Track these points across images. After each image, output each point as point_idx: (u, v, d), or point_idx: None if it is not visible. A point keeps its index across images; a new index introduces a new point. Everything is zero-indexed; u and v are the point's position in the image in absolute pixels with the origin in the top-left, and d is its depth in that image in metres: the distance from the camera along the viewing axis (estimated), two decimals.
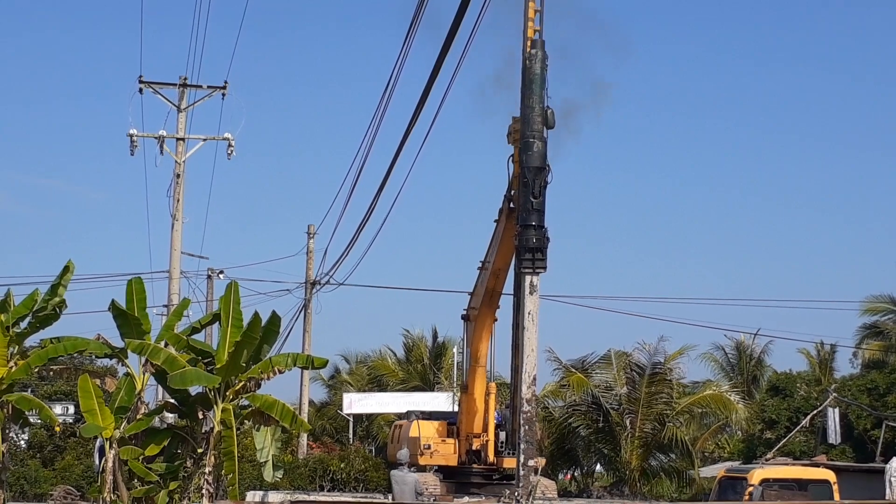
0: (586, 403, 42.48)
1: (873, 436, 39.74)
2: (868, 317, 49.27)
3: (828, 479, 24.35)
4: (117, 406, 25.76)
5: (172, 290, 37.87)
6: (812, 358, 53.49)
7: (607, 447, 42.60)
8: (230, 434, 24.40)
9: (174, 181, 37.86)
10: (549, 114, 20.82)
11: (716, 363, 56.88)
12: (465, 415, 30.10)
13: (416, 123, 22.06)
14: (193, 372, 24.63)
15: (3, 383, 25.70)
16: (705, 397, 44.24)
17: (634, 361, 42.40)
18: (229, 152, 38.68)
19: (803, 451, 40.96)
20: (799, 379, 49.08)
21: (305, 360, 26.96)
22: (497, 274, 28.28)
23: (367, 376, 63.07)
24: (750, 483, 23.78)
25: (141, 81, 37.90)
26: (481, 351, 29.75)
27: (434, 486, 28.46)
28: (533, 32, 21.59)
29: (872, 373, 44.99)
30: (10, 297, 26.18)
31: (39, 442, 39.72)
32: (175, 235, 37.95)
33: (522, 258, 20.39)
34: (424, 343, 60.22)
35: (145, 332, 26.03)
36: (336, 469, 36.43)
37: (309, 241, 48.06)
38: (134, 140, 37.85)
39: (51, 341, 26.44)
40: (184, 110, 38.27)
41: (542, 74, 20.81)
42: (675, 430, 41.93)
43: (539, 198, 20.30)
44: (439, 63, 19.28)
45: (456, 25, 17.93)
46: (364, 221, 31.17)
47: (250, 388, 25.37)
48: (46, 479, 35.82)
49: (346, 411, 57.07)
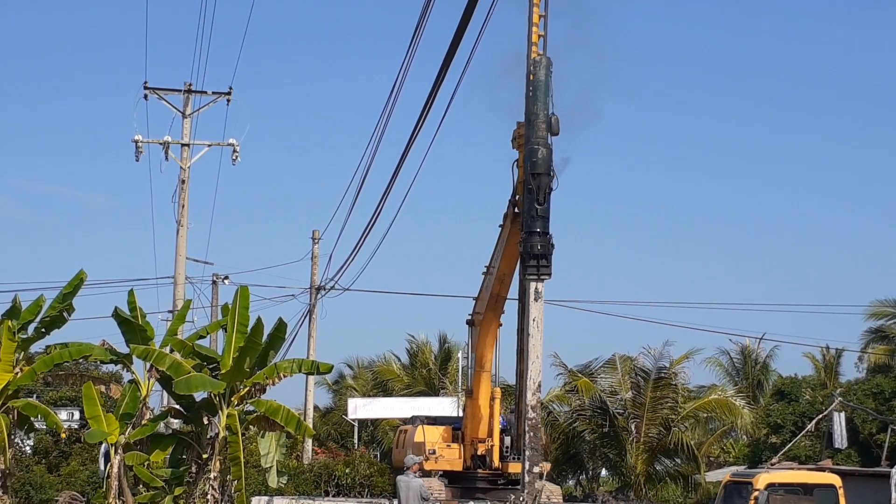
0: (591, 408, 42.47)
1: (879, 440, 39.68)
2: (874, 321, 49.13)
3: (833, 484, 24.28)
4: (122, 412, 25.79)
5: (177, 296, 37.93)
6: (817, 362, 53.41)
7: (612, 452, 42.58)
8: (235, 439, 24.42)
9: (179, 187, 37.95)
10: (553, 120, 20.85)
11: (721, 367, 56.82)
12: (471, 420, 30.10)
13: (421, 128, 22.11)
14: (198, 377, 24.66)
15: (8, 389, 25.73)
16: (710, 402, 44.18)
17: (639, 366, 42.39)
18: (234, 158, 38.79)
19: (809, 455, 40.89)
20: (804, 383, 49.00)
21: (310, 365, 26.99)
22: (502, 279, 28.27)
23: (372, 381, 63.04)
24: (755, 487, 23.71)
25: (146, 87, 38.00)
26: (486, 356, 29.75)
27: (439, 491, 28.47)
28: (537, 38, 21.64)
29: (878, 377, 44.90)
30: (18, 302, 26.21)
31: (45, 448, 39.71)
32: (180, 241, 38.02)
33: (527, 265, 20.43)
34: (429, 348, 60.19)
35: (150, 338, 26.07)
36: (341, 474, 36.41)
37: (314, 247, 48.11)
38: (139, 146, 37.95)
39: (56, 347, 26.48)
40: (189, 116, 38.35)
41: (546, 81, 20.83)
42: (681, 435, 41.89)
43: (544, 204, 20.33)
44: (445, 66, 19.31)
45: (461, 30, 17.95)
46: (369, 227, 31.27)
47: (255, 393, 25.40)
48: (52, 484, 35.79)
49: (351, 416, 57.07)
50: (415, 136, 22.64)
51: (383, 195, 27.29)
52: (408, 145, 23.30)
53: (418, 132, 22.34)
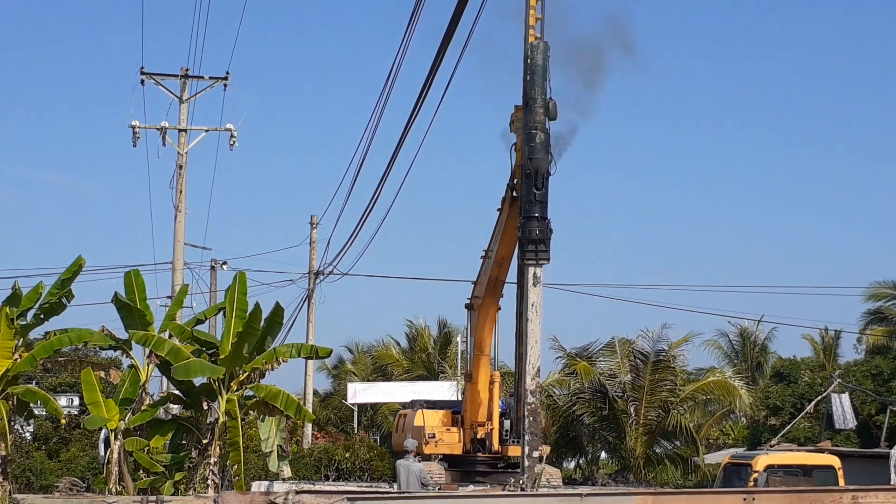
0: (590, 391, 42.50)
1: (878, 421, 39.77)
2: (872, 302, 49.18)
3: (832, 465, 24.33)
4: (122, 397, 25.86)
5: (176, 282, 37.93)
6: (816, 344, 53.47)
7: (612, 435, 42.63)
8: (235, 424, 24.47)
9: (176, 172, 37.91)
10: (551, 105, 20.78)
11: (720, 350, 56.84)
12: (470, 404, 30.14)
13: (419, 111, 22.06)
14: (197, 363, 24.70)
15: (8, 375, 25.77)
16: (709, 384, 44.19)
17: (638, 349, 42.39)
18: (231, 143, 38.77)
19: (808, 437, 40.96)
20: (803, 365, 49.08)
21: (310, 350, 27.05)
22: (500, 263, 28.26)
23: (372, 366, 63.12)
24: (755, 469, 23.76)
25: (142, 73, 37.93)
26: (485, 340, 29.76)
27: (439, 474, 28.52)
28: (534, 21, 21.54)
29: (877, 358, 45.00)
30: (18, 289, 26.21)
31: (45, 434, 39.77)
32: (178, 227, 38.00)
33: (526, 250, 20.38)
34: (428, 332, 60.25)
35: (149, 324, 26.09)
36: (341, 459, 36.48)
37: (312, 232, 48.11)
38: (136, 132, 37.90)
39: (55, 333, 26.50)
40: (186, 101, 38.30)
41: (544, 65, 20.76)
42: (680, 417, 41.93)
43: (542, 189, 20.28)
44: (442, 49, 19.27)
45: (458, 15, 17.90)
46: (367, 211, 31.18)
47: (254, 378, 25.45)
48: (52, 470, 35.86)
49: (351, 401, 57.17)
50: (413, 119, 22.60)
51: (381, 179, 27.25)
52: (405, 129, 23.27)
53: (416, 115, 22.31)
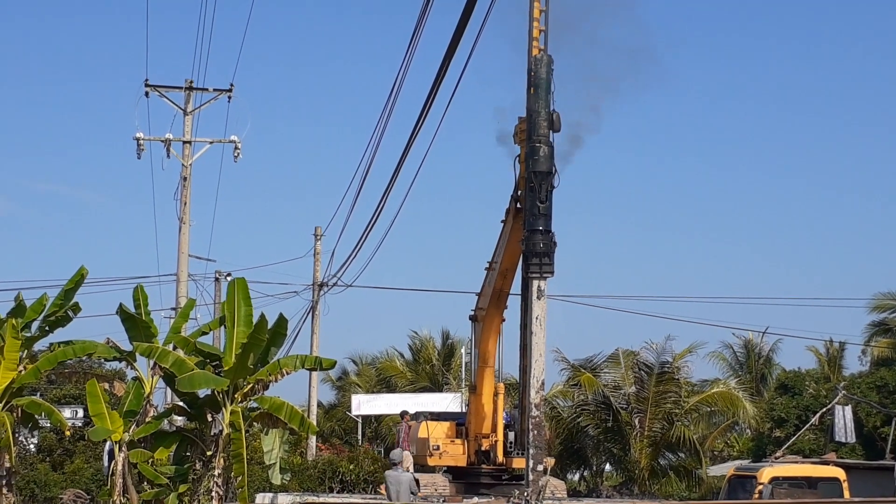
0: (595, 403, 42.48)
1: (883, 433, 39.67)
2: (877, 314, 49.12)
3: (837, 477, 24.30)
4: (126, 409, 25.81)
5: (180, 294, 37.94)
6: (821, 356, 53.39)
7: (616, 446, 42.61)
8: (239, 436, 24.41)
9: (181, 184, 37.95)
10: (555, 117, 20.80)
11: (724, 361, 56.81)
12: (474, 415, 30.09)
13: (423, 123, 22.05)
14: (201, 375, 24.65)
15: (12, 387, 25.74)
16: (714, 396, 44.19)
17: (642, 360, 42.41)
18: (236, 155, 38.78)
19: (813, 449, 40.89)
20: (808, 377, 49.00)
21: (314, 361, 26.96)
22: (504, 274, 28.25)
23: (376, 377, 63.11)
24: (759, 481, 23.75)
25: (147, 85, 38.00)
26: (489, 351, 29.73)
27: (443, 486, 28.49)
28: (538, 33, 21.58)
29: (882, 370, 44.90)
30: (22, 301, 26.22)
31: (49, 445, 39.80)
32: (182, 238, 38.02)
33: (530, 263, 20.39)
34: (432, 344, 60.26)
35: (153, 336, 26.07)
36: (345, 470, 36.46)
37: (316, 243, 48.16)
38: (140, 143, 37.95)
39: (60, 345, 26.49)
40: (190, 113, 38.36)
41: (547, 78, 20.78)
42: (684, 429, 41.90)
43: (546, 202, 20.30)
44: (446, 62, 19.26)
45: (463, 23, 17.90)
46: (371, 223, 31.18)
47: (258, 390, 25.39)
48: (56, 482, 35.89)
49: (355, 413, 57.13)
50: (417, 132, 22.60)
51: (385, 191, 27.25)
52: (410, 140, 23.26)
53: (420, 127, 22.31)
